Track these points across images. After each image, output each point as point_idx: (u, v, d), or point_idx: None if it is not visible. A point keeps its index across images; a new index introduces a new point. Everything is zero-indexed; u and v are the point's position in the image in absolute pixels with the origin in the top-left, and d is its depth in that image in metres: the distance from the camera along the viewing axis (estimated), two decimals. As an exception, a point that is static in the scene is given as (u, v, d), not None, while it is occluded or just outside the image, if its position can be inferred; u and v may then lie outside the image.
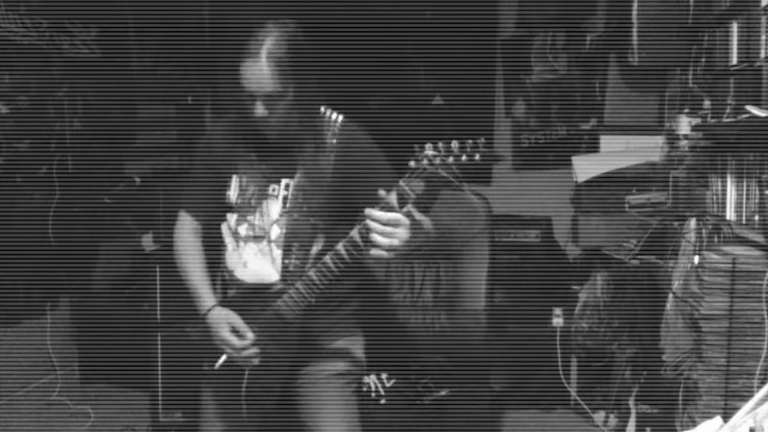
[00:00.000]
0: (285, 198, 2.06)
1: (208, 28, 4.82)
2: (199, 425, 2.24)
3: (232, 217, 2.12)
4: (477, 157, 1.70)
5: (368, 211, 1.79)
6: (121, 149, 4.53)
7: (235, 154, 2.11)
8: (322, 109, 2.09)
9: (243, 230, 2.10)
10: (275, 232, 2.06)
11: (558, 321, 3.72)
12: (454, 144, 1.71)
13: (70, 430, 3.57)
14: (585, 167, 3.92)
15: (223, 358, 2.08)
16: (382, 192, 1.81)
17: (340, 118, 2.09)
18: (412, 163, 1.74)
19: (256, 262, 2.08)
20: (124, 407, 3.78)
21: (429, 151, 1.73)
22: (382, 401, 2.94)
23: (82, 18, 4.21)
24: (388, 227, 1.77)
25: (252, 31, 1.95)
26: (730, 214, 2.78)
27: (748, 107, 2.58)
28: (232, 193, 2.11)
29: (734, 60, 2.86)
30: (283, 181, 2.06)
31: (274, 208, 2.07)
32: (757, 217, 2.64)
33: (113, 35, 4.40)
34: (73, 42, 4.19)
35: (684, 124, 3.25)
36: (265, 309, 2.02)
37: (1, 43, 3.78)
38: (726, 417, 1.79)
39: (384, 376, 2.98)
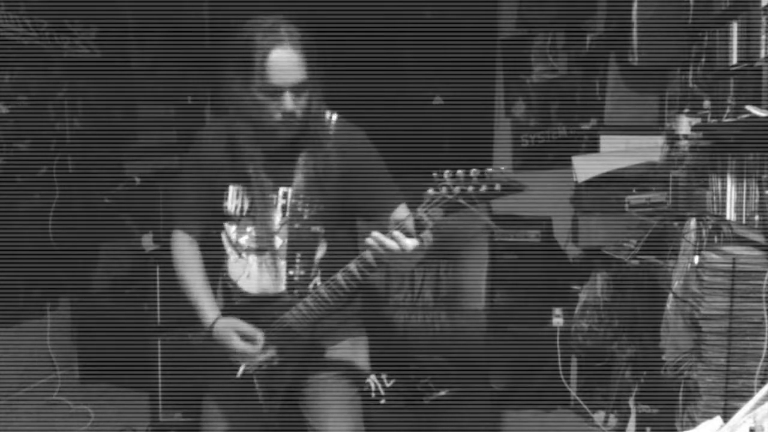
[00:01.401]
0: (284, 207, 2.02)
1: (208, 28, 4.81)
2: (201, 427, 2.23)
3: (231, 228, 2.08)
4: (497, 186, 1.65)
5: (380, 237, 1.76)
6: (121, 149, 4.53)
7: (230, 163, 2.05)
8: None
9: (244, 242, 2.06)
10: (277, 242, 2.03)
11: (558, 321, 3.72)
12: (474, 172, 1.66)
13: (70, 430, 3.57)
14: (585, 167, 3.91)
15: (242, 368, 2.06)
16: (399, 216, 1.81)
17: (334, 117, 2.05)
18: (430, 191, 1.69)
19: (261, 274, 2.04)
20: (124, 407, 3.77)
21: (448, 179, 1.67)
22: (382, 401, 2.94)
23: (82, 18, 4.21)
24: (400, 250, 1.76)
25: (249, 29, 1.90)
26: (730, 214, 2.78)
27: (748, 107, 2.58)
28: (230, 204, 2.06)
29: (734, 60, 2.86)
30: (281, 190, 2.03)
31: (274, 218, 2.03)
32: (757, 217, 2.64)
33: (113, 35, 4.40)
34: (73, 42, 4.19)
35: (684, 124, 3.24)
36: (272, 320, 2.01)
37: (1, 43, 3.78)
38: (726, 417, 1.79)
39: (384, 376, 2.98)
